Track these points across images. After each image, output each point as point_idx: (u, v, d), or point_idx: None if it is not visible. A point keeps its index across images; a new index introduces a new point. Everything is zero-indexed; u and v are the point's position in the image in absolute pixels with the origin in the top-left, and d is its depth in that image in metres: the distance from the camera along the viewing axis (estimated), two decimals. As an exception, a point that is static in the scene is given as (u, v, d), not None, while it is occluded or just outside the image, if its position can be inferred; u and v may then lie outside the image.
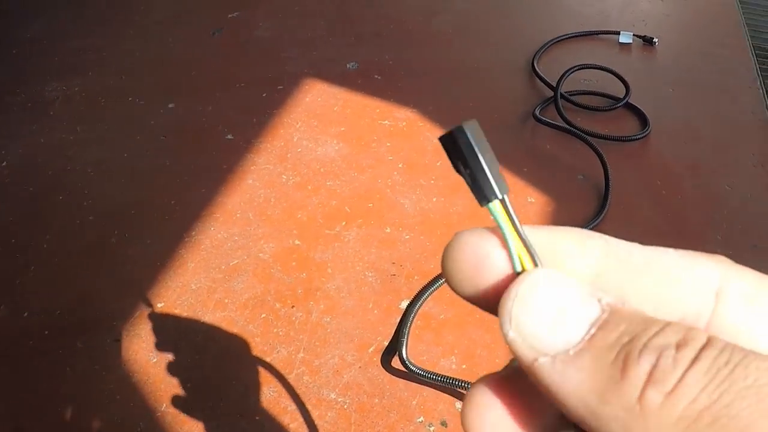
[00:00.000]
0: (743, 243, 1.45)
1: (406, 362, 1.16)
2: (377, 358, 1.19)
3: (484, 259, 0.28)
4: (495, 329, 1.02)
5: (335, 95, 1.79)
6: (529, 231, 0.28)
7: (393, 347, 1.20)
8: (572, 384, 0.23)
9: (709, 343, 0.21)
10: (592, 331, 0.23)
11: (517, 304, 0.25)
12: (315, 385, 1.15)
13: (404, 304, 1.27)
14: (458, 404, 1.14)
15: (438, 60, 1.98)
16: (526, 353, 0.24)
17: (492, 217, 0.28)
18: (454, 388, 1.14)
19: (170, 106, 1.75)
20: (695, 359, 0.21)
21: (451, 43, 2.06)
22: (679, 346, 0.21)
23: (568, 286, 0.25)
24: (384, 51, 1.99)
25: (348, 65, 1.92)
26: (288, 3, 2.21)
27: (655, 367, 0.21)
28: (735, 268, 0.26)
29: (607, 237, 0.28)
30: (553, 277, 0.25)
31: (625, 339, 0.23)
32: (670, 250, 0.26)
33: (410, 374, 1.15)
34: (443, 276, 0.29)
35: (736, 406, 0.20)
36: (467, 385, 1.13)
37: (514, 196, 1.45)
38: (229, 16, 2.13)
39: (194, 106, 1.75)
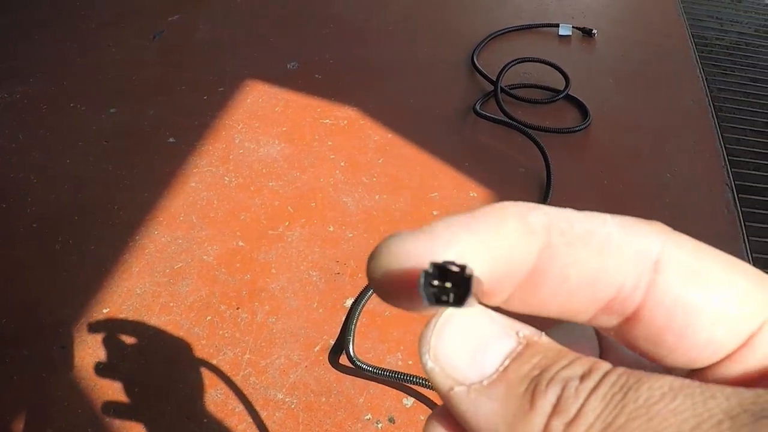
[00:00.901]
0: (686, 230, 1.45)
1: (354, 359, 1.17)
2: (323, 357, 1.20)
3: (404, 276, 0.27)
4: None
5: (276, 95, 1.80)
6: (471, 219, 0.27)
7: (340, 346, 1.21)
8: (484, 413, 0.23)
9: (609, 372, 0.22)
10: (506, 362, 0.24)
11: (435, 335, 0.25)
12: (262, 386, 1.16)
13: (349, 302, 1.28)
14: (405, 401, 1.15)
15: (378, 57, 1.99)
16: (443, 382, 0.24)
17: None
18: (402, 382, 1.15)
19: (112, 111, 1.75)
20: (594, 388, 0.22)
21: (391, 40, 2.07)
22: (583, 377, 0.22)
23: (485, 319, 0.25)
24: (324, 50, 1.99)
25: (288, 65, 1.92)
26: (227, 4, 2.21)
27: (560, 397, 0.22)
28: (673, 238, 0.26)
29: (546, 208, 0.28)
30: (472, 311, 0.26)
31: (536, 372, 0.23)
32: (608, 219, 0.27)
33: (360, 371, 1.16)
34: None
35: (628, 426, 0.20)
36: (416, 380, 1.14)
37: (456, 192, 1.47)
38: (170, 19, 2.13)
39: (136, 111, 1.75)
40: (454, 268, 0.24)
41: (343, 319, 1.25)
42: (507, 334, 0.25)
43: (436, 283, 0.24)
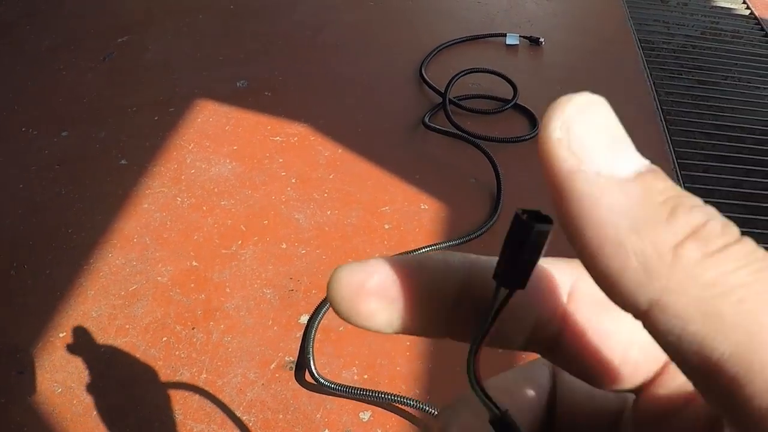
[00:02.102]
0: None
1: (317, 377, 1.18)
2: (280, 375, 1.21)
3: (361, 289, 0.26)
4: (394, 338, 1.04)
5: (226, 114, 1.81)
6: (388, 264, 0.27)
7: (302, 364, 1.22)
8: (610, 202, 0.21)
9: (744, 236, 0.20)
10: (643, 170, 0.22)
11: (575, 109, 0.22)
12: (220, 405, 1.16)
13: (303, 319, 1.29)
14: (362, 415, 1.16)
15: (327, 73, 2.00)
16: (569, 158, 0.22)
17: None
18: (369, 398, 1.16)
19: (63, 134, 1.74)
20: (739, 240, 0.20)
21: (339, 55, 2.08)
22: (723, 224, 0.20)
23: (620, 123, 0.23)
24: (273, 67, 2.00)
25: (238, 83, 1.93)
26: (176, 25, 2.22)
27: (703, 225, 0.20)
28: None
29: (466, 254, 0.28)
30: (610, 108, 0.23)
31: (675, 192, 0.21)
32: None
33: (323, 387, 1.17)
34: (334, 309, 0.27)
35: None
36: (381, 395, 1.15)
37: (407, 204, 1.48)
38: (119, 40, 2.12)
39: (87, 133, 1.75)
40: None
41: (299, 335, 1.26)
42: (638, 155, 0.22)
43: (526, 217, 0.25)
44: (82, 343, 1.27)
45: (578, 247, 0.22)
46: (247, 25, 2.22)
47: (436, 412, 1.15)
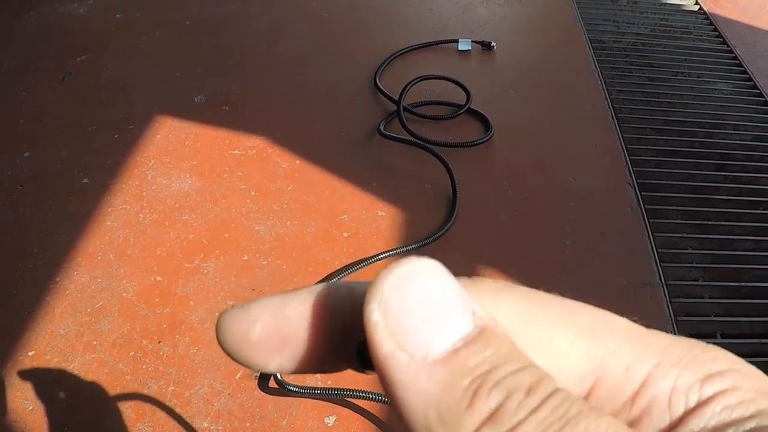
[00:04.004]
0: (591, 232, 1.52)
1: (282, 383, 1.20)
2: (245, 384, 1.23)
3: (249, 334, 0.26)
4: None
5: (185, 130, 1.82)
6: (270, 308, 0.26)
7: (266, 372, 1.24)
8: (419, 391, 0.21)
9: (554, 393, 0.21)
10: (458, 345, 0.22)
11: (393, 287, 0.22)
12: (187, 416, 1.19)
13: (266, 328, 1.30)
14: (327, 419, 1.18)
15: (283, 85, 2.02)
16: (385, 342, 0.22)
17: None
18: (334, 396, 1.19)
19: (26, 155, 1.76)
20: (536, 408, 0.20)
21: (295, 67, 2.11)
22: (528, 391, 0.21)
23: (448, 290, 0.23)
24: (230, 81, 2.03)
25: (196, 99, 1.95)
26: (133, 42, 2.23)
27: (500, 406, 0.21)
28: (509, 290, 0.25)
29: (350, 287, 0.27)
30: (436, 272, 0.23)
31: (484, 368, 0.21)
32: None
33: (289, 392, 1.19)
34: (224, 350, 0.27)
35: None
36: (345, 393, 1.18)
37: (365, 212, 1.50)
38: (78, 59, 2.13)
39: (49, 153, 1.76)
40: None
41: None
42: (464, 313, 0.23)
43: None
44: (51, 361, 1.28)
45: (402, 420, 0.22)
46: (203, 40, 2.24)
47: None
